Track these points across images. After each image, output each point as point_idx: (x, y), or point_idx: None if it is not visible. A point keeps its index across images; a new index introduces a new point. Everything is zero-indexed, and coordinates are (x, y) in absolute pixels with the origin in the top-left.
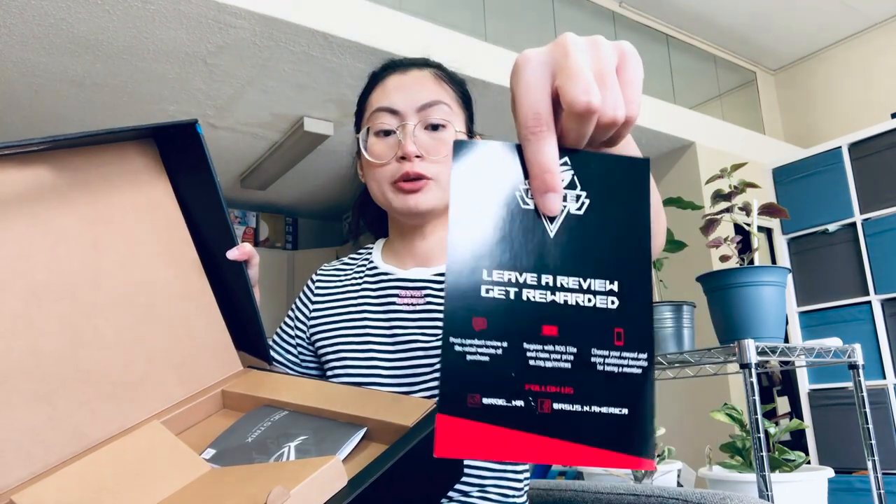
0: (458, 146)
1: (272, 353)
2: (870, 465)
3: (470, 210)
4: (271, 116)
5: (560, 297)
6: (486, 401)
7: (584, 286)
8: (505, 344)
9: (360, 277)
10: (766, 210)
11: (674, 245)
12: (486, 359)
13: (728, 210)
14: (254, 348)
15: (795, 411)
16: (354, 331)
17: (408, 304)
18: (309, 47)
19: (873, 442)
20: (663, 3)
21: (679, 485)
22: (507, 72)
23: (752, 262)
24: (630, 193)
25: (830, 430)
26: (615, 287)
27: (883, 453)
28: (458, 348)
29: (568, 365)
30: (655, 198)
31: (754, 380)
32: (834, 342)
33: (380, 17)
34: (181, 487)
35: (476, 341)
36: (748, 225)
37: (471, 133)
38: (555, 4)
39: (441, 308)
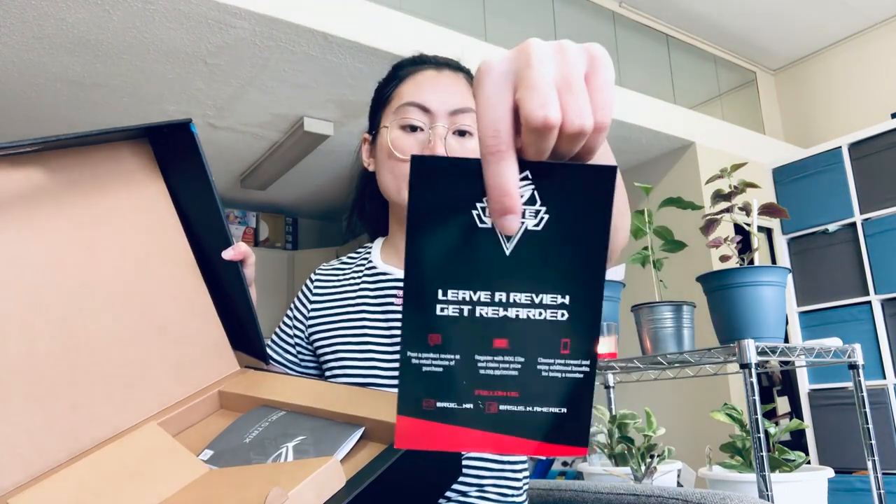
0: (416, 161)
1: (271, 352)
2: (870, 465)
3: (426, 230)
4: (271, 116)
5: (512, 312)
6: (439, 404)
7: (537, 301)
8: (458, 356)
9: (359, 277)
10: (766, 210)
11: (674, 245)
12: (440, 370)
13: (728, 210)
14: (251, 348)
15: (795, 411)
16: (353, 330)
17: None
18: (309, 47)
19: (873, 442)
20: (663, 3)
21: (679, 485)
22: None
23: (752, 262)
24: (592, 205)
25: (830, 430)
26: (566, 300)
27: (883, 453)
28: (414, 361)
29: (515, 372)
30: (621, 194)
31: (754, 380)
32: (834, 342)
33: (380, 17)
34: (179, 489)
35: (431, 355)
36: (748, 225)
37: None
38: (555, 4)
39: None
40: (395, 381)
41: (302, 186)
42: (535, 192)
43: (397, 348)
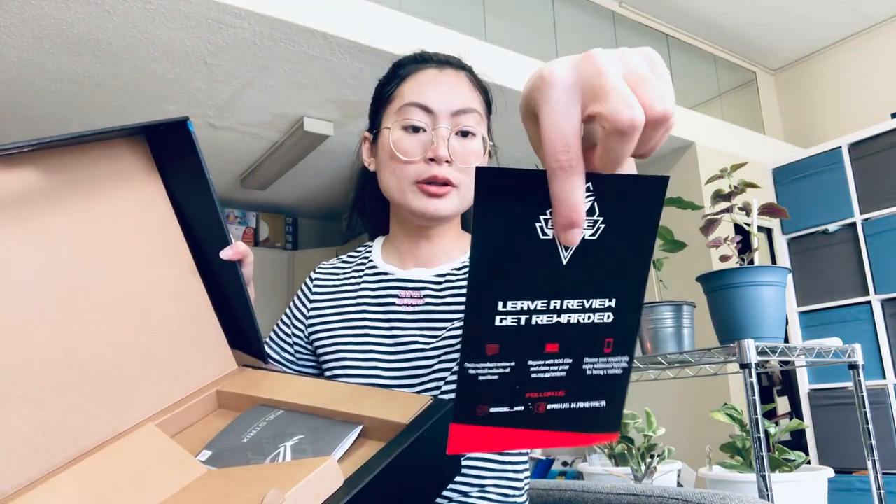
0: (482, 174)
1: (269, 350)
2: (870, 465)
3: (491, 242)
4: (271, 116)
5: (564, 318)
6: (492, 410)
7: (587, 306)
8: (513, 363)
9: (360, 276)
10: (766, 210)
11: (674, 245)
12: (496, 377)
13: (728, 210)
14: (249, 347)
15: (795, 411)
16: (353, 330)
17: (407, 305)
18: (309, 47)
19: (873, 442)
20: (663, 3)
21: (679, 485)
22: (506, 71)
23: (752, 262)
24: (645, 212)
25: (830, 430)
26: (612, 303)
27: (883, 453)
28: (471, 371)
29: (563, 374)
30: None
31: (754, 380)
32: (834, 342)
33: (380, 17)
34: (177, 491)
35: (488, 364)
36: (748, 225)
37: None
38: (555, 4)
39: (440, 309)
40: (395, 381)
41: (302, 186)
42: (595, 203)
43: (398, 349)
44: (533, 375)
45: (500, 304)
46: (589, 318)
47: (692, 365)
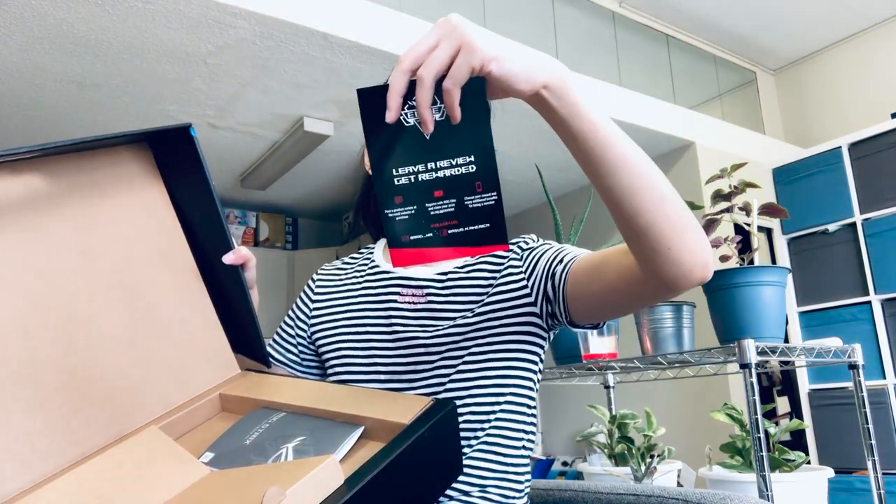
0: (361, 94)
1: (273, 351)
2: (870, 465)
3: (376, 135)
4: (271, 116)
5: (441, 174)
6: (412, 237)
7: (454, 163)
8: (415, 206)
9: (361, 276)
10: (766, 210)
11: None
12: (407, 217)
13: (728, 210)
14: (251, 351)
15: (795, 411)
16: (355, 329)
17: (409, 303)
18: (309, 47)
19: (873, 442)
20: (663, 3)
21: (679, 485)
22: None
23: (752, 262)
24: (471, 99)
25: (830, 430)
26: (472, 158)
27: (883, 453)
28: (390, 215)
29: (452, 209)
30: (649, 165)
31: (754, 380)
32: (834, 342)
33: (380, 17)
34: (179, 492)
35: (398, 209)
36: (748, 225)
37: None
38: (555, 4)
39: (442, 307)
40: (396, 378)
41: (302, 186)
42: (435, 96)
43: (398, 346)
44: (432, 213)
45: (394, 170)
46: (458, 171)
47: (692, 365)
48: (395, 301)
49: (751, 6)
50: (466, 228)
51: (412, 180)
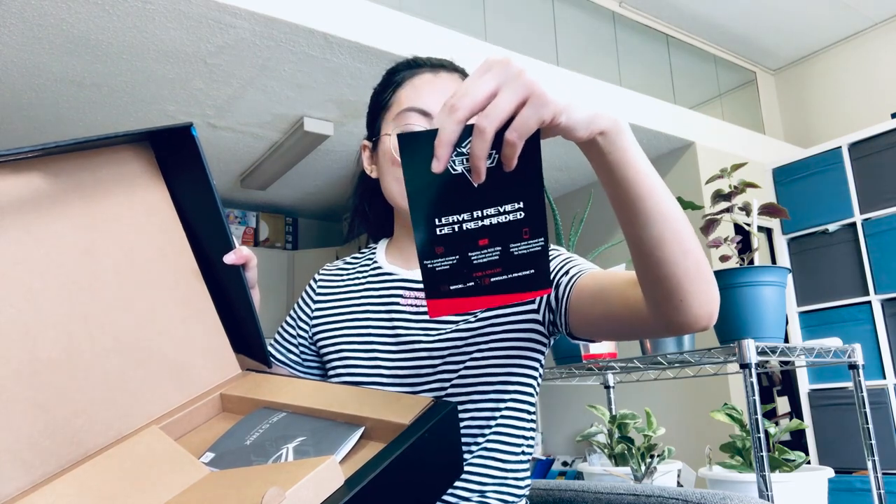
0: (402, 139)
1: (274, 352)
2: (870, 465)
3: (417, 183)
4: (271, 116)
5: (487, 222)
6: (451, 287)
7: (501, 210)
8: (457, 257)
9: (364, 277)
10: (766, 210)
11: None
12: (447, 267)
13: (728, 210)
14: (252, 351)
15: (795, 411)
16: (357, 330)
17: (411, 305)
18: (309, 47)
19: (873, 442)
20: (663, 3)
21: (679, 485)
22: None
23: (752, 262)
24: (525, 143)
25: (830, 430)
26: (521, 205)
27: (883, 453)
28: (429, 266)
29: (497, 257)
30: (668, 196)
31: (754, 380)
32: (834, 342)
33: (380, 17)
34: (179, 492)
35: (439, 260)
36: (748, 225)
37: None
38: (555, 4)
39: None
40: (399, 381)
41: (302, 186)
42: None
43: (401, 348)
44: (475, 262)
45: (437, 220)
46: (506, 218)
47: (692, 365)
48: (398, 303)
49: (751, 6)
50: (510, 276)
51: (456, 230)
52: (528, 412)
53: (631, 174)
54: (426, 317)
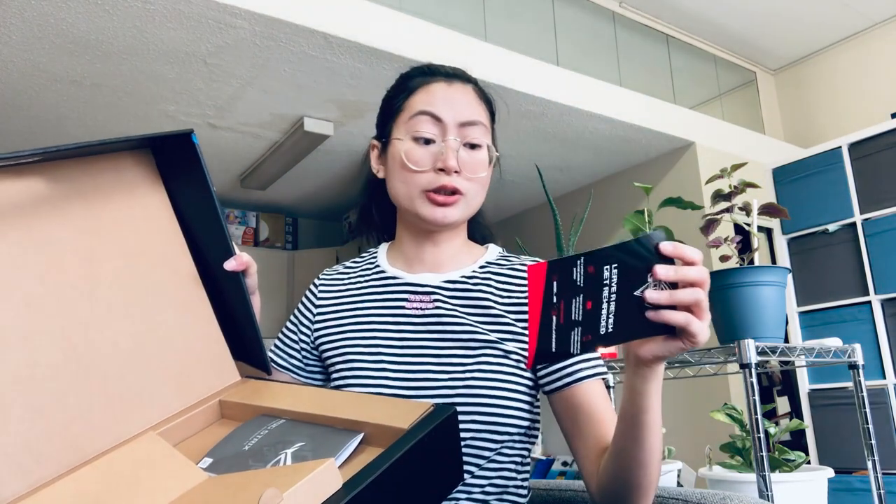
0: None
1: (275, 357)
2: (870, 465)
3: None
4: (271, 116)
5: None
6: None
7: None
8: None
9: (366, 281)
10: (766, 210)
11: None
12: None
13: (728, 210)
14: (252, 358)
15: (795, 411)
16: (362, 335)
17: (417, 309)
18: (309, 47)
19: (873, 442)
20: (663, 3)
21: (679, 485)
22: (506, 72)
23: (752, 262)
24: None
25: (830, 430)
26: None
27: (883, 453)
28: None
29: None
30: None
31: (754, 380)
32: (834, 342)
33: (380, 17)
34: (176, 497)
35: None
36: (748, 225)
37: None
38: (555, 4)
39: (450, 314)
40: (405, 386)
41: (302, 186)
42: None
43: (408, 353)
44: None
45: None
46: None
47: (692, 365)
48: (403, 307)
49: (751, 6)
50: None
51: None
52: (535, 420)
53: (655, 397)
54: (433, 321)
